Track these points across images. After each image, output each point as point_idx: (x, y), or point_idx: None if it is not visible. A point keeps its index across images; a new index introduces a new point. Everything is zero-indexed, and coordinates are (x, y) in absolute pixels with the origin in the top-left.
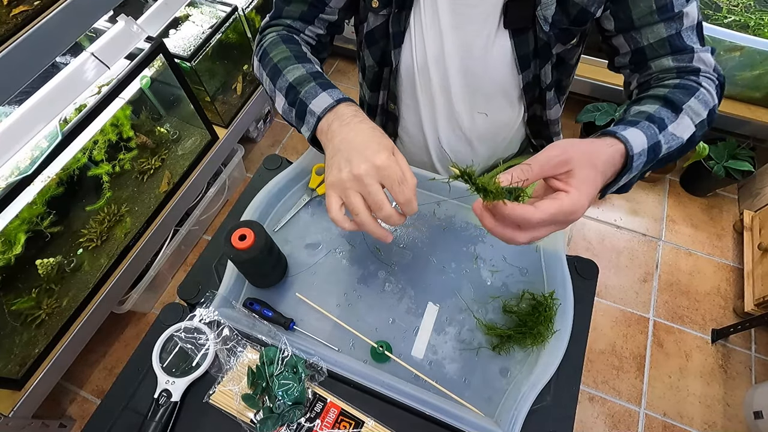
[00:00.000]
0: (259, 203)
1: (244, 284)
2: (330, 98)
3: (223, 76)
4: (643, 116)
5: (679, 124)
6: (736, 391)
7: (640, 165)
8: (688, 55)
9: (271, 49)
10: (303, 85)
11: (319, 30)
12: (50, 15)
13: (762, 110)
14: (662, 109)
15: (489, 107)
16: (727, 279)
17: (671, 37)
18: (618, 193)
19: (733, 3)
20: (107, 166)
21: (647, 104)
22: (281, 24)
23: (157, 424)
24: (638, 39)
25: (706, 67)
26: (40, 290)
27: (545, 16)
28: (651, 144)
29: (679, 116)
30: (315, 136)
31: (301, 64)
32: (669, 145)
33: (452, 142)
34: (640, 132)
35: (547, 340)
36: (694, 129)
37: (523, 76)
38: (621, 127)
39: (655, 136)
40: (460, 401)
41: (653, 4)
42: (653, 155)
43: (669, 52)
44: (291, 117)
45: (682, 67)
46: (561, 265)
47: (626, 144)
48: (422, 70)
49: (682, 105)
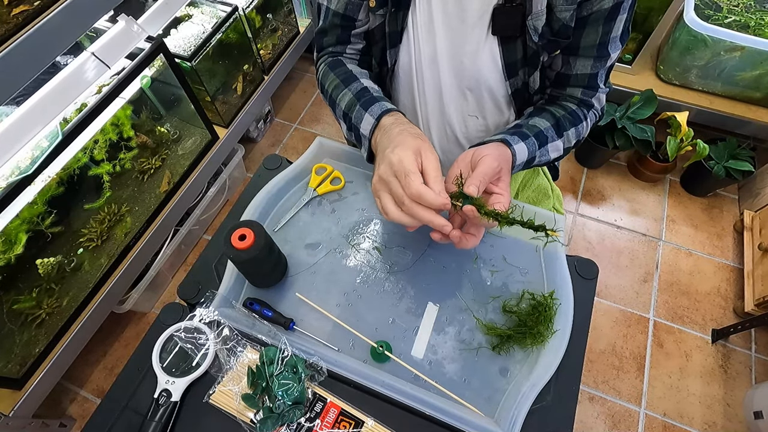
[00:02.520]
0: (259, 203)
1: (244, 284)
2: (371, 118)
3: (223, 76)
4: (533, 131)
5: (553, 147)
6: (736, 391)
7: (515, 170)
8: (593, 92)
9: (325, 80)
10: (352, 111)
11: (358, 44)
12: (50, 15)
13: (762, 110)
14: (550, 129)
15: (480, 110)
16: (727, 279)
17: (591, 76)
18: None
19: (733, 3)
20: (108, 165)
21: (544, 119)
22: (326, 53)
23: (157, 424)
24: (571, 65)
25: (598, 105)
26: (41, 290)
27: (536, 27)
28: (529, 158)
29: (557, 141)
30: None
31: (348, 87)
32: (539, 160)
33: (444, 144)
34: (526, 148)
35: (547, 340)
36: (561, 153)
37: (511, 83)
38: (515, 139)
39: (534, 152)
40: (460, 401)
41: (598, 39)
42: (527, 165)
43: (584, 85)
44: (354, 142)
45: (584, 100)
46: (561, 265)
47: (515, 156)
48: (418, 70)
49: (563, 132)
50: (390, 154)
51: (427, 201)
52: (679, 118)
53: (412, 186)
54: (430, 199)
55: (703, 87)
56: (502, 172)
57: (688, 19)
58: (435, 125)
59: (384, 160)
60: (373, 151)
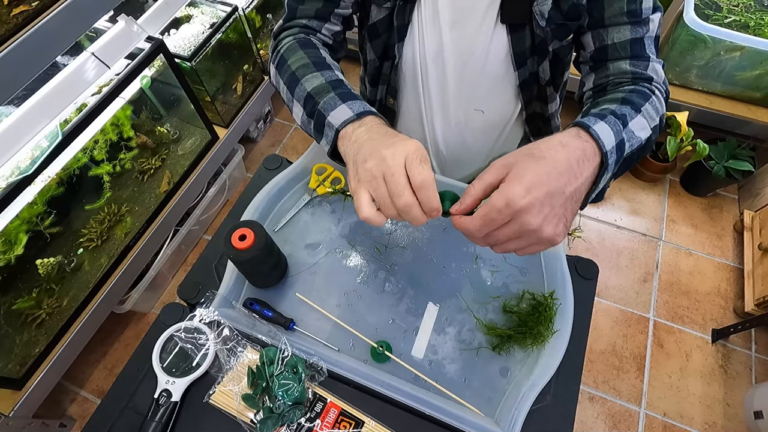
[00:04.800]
0: (259, 203)
1: (244, 284)
2: (350, 111)
3: (223, 76)
4: (607, 111)
5: (637, 124)
6: (736, 391)
7: (613, 163)
8: (644, 62)
9: (289, 55)
10: (322, 95)
11: (336, 27)
12: (50, 15)
13: (762, 110)
14: (623, 107)
15: (485, 104)
16: (727, 279)
17: (634, 41)
18: (594, 201)
19: (733, 3)
20: (108, 165)
21: (608, 103)
22: (296, 25)
23: (157, 424)
24: (604, 37)
25: (657, 77)
26: (41, 290)
27: (542, 12)
28: (617, 141)
29: (637, 116)
30: (335, 149)
31: (320, 71)
32: (630, 145)
33: (447, 139)
34: (608, 128)
35: (547, 340)
36: (650, 132)
37: (519, 73)
38: (592, 120)
39: (620, 132)
40: (460, 401)
41: (625, 6)
42: (619, 155)
43: (628, 55)
44: (310, 129)
45: (637, 73)
46: (561, 265)
47: (599, 141)
48: (422, 65)
49: (639, 107)
50: (404, 141)
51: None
52: (679, 118)
53: (423, 173)
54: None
55: (703, 87)
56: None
57: (688, 19)
58: (439, 120)
59: (392, 145)
60: (338, 146)
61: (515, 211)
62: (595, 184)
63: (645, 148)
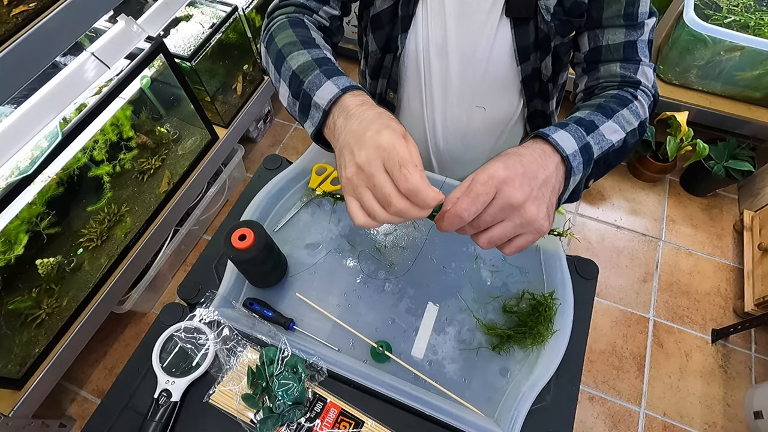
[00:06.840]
0: (259, 203)
1: (244, 284)
2: (335, 87)
3: (223, 76)
4: (572, 120)
5: (608, 128)
6: (736, 391)
7: (579, 165)
8: (635, 66)
9: (278, 33)
10: (307, 74)
11: (334, 11)
12: (50, 15)
13: (762, 110)
14: (593, 114)
15: (487, 100)
16: (727, 279)
17: (627, 44)
18: (569, 201)
19: (733, 3)
20: (107, 166)
21: (582, 109)
22: (293, 4)
23: (157, 424)
24: (599, 38)
25: (646, 81)
26: (40, 290)
27: (547, 6)
28: (580, 145)
29: (608, 121)
30: (320, 132)
31: (307, 49)
32: (600, 147)
33: (447, 136)
34: (569, 135)
35: (547, 340)
36: (624, 135)
37: (522, 68)
38: (552, 129)
39: (582, 137)
40: (460, 401)
41: (622, 9)
42: (586, 158)
43: (620, 58)
44: (295, 111)
45: (626, 76)
46: (561, 265)
47: (558, 147)
48: (425, 59)
49: (613, 113)
50: (373, 137)
51: (423, 200)
52: (678, 118)
53: (410, 180)
54: (428, 199)
55: (703, 87)
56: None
57: (688, 19)
58: (440, 116)
59: (359, 144)
60: (324, 132)
61: (498, 182)
62: (566, 186)
63: (623, 149)
